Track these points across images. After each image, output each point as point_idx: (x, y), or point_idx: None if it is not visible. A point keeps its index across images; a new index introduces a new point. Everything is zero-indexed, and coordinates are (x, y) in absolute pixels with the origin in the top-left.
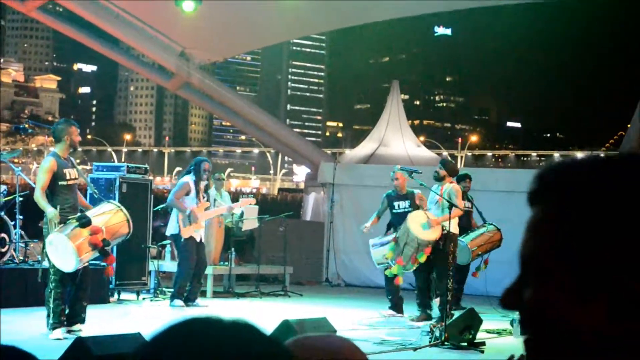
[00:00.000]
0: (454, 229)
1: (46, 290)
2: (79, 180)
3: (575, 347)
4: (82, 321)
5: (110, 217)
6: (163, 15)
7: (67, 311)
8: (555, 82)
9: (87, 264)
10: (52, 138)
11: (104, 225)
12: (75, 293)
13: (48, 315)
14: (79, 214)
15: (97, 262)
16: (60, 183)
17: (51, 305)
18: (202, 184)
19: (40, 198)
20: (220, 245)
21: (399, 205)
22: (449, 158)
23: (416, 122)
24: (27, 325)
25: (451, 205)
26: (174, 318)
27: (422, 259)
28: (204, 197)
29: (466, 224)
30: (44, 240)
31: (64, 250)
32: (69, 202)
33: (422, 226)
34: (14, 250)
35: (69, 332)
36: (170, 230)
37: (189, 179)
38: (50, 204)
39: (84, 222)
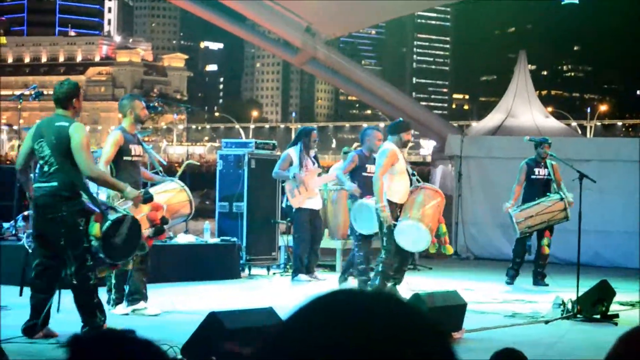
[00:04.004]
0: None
1: None
2: (143, 157)
3: None
4: (145, 298)
5: (172, 195)
6: None
7: (127, 289)
8: None
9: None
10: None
11: (165, 203)
12: (134, 270)
13: (109, 291)
14: (142, 189)
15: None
16: (125, 158)
17: (113, 281)
18: (311, 153)
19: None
20: (348, 220)
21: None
22: (578, 128)
23: (544, 92)
24: (157, 303)
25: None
26: (302, 291)
27: None
28: (313, 165)
29: (539, 193)
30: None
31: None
32: (133, 178)
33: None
34: None
35: (133, 311)
36: (284, 202)
37: (292, 150)
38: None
39: (146, 198)
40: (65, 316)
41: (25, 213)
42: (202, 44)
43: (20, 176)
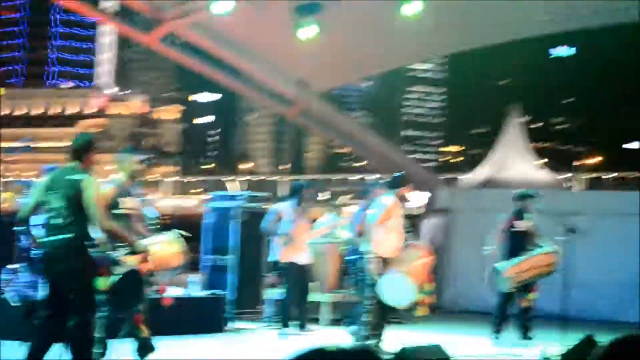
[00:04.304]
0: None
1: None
2: (136, 210)
3: None
4: (152, 350)
5: (161, 247)
6: (281, 43)
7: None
8: None
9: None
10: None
11: (155, 254)
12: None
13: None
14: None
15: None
16: (114, 212)
17: (98, 335)
18: (302, 208)
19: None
20: (337, 272)
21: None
22: (568, 181)
23: (538, 144)
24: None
25: None
26: (292, 346)
27: None
28: (303, 220)
29: (522, 247)
30: None
31: None
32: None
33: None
34: None
35: None
36: (271, 256)
37: (283, 205)
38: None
39: (134, 251)
40: None
41: (10, 266)
42: (194, 97)
43: (21, 227)
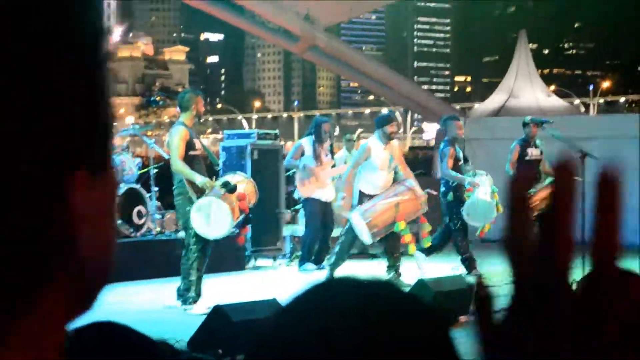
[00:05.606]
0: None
1: (184, 261)
2: (202, 151)
3: None
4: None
5: (245, 186)
6: None
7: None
8: None
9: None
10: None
11: (244, 192)
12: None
13: (187, 289)
14: (223, 180)
15: (235, 229)
16: (190, 153)
17: (193, 278)
18: (325, 145)
19: (183, 167)
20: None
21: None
22: (581, 106)
23: (546, 71)
24: (164, 298)
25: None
26: (308, 281)
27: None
28: (327, 156)
29: (536, 175)
30: (179, 211)
31: (216, 215)
32: (200, 171)
33: None
34: (151, 222)
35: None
36: (296, 192)
37: (306, 140)
38: None
39: (231, 188)
40: None
41: None
42: (202, 36)
43: None
